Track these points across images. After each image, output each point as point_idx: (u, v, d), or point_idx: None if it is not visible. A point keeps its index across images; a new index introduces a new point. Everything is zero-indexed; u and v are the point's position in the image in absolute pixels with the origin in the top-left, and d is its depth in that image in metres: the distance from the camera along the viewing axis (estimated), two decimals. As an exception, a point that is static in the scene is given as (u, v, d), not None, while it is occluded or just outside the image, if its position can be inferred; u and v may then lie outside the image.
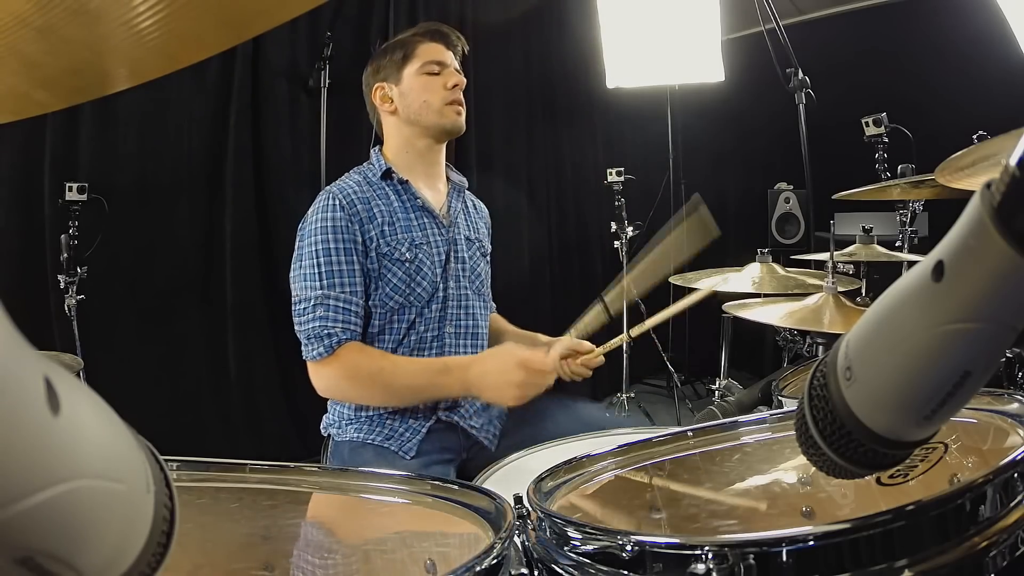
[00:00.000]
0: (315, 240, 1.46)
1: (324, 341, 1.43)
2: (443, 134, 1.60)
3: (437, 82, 1.57)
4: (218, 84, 3.05)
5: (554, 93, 4.30)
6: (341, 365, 1.44)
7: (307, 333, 1.44)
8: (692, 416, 3.50)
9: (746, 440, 0.99)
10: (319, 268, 1.45)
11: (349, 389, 1.49)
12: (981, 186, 0.35)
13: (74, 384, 0.29)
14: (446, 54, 1.60)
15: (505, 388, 1.39)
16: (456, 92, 1.57)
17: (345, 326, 1.44)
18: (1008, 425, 0.82)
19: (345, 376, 1.45)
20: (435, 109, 1.56)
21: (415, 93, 1.57)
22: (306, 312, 1.45)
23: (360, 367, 1.45)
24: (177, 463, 0.86)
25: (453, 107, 1.57)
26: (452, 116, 1.57)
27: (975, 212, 0.35)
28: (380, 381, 1.45)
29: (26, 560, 0.26)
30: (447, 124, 1.58)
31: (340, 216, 1.47)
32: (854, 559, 0.57)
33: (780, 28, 3.09)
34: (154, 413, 2.69)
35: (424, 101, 1.56)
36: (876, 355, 0.41)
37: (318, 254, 1.45)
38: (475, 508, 0.79)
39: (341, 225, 1.46)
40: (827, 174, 2.78)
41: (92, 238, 2.60)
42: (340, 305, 1.44)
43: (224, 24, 0.59)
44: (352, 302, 1.45)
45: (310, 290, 1.45)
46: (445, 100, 1.56)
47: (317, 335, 1.43)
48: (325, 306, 1.43)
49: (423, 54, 1.58)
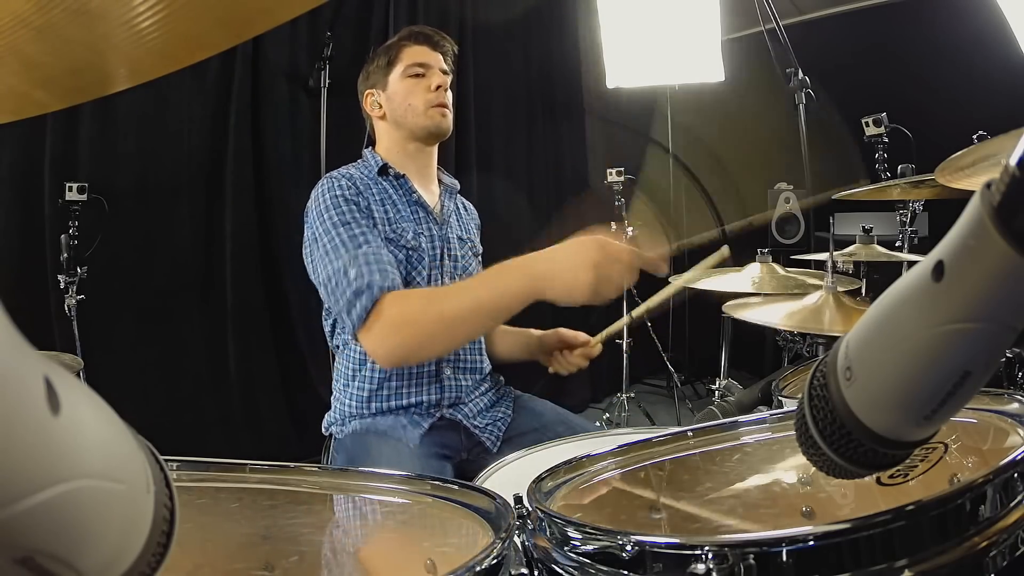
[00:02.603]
0: (327, 215, 1.42)
1: (363, 295, 1.30)
2: (429, 136, 1.60)
3: (421, 84, 1.57)
4: (218, 84, 3.05)
5: (554, 93, 4.30)
6: (389, 314, 1.30)
7: (347, 300, 1.32)
8: (692, 416, 3.50)
9: (746, 440, 0.98)
10: (339, 236, 1.39)
11: (409, 336, 1.32)
12: (981, 186, 0.35)
13: (74, 384, 0.29)
14: (431, 55, 1.60)
15: (579, 275, 1.20)
16: (440, 94, 1.56)
17: (383, 276, 1.33)
18: (1008, 425, 0.82)
19: (398, 323, 1.31)
20: (419, 111, 1.57)
21: (400, 97, 1.58)
22: (339, 283, 1.34)
23: (410, 306, 1.32)
24: (177, 463, 0.86)
25: (437, 109, 1.56)
26: (436, 118, 1.57)
27: (975, 212, 0.35)
28: (437, 313, 1.30)
29: (26, 560, 0.26)
30: (431, 126, 1.57)
31: (349, 193, 1.46)
32: (854, 559, 0.57)
33: (780, 28, 3.09)
34: (154, 413, 2.69)
35: (408, 104, 1.57)
36: (876, 355, 0.41)
37: (335, 224, 1.40)
38: (475, 508, 0.79)
39: (351, 196, 1.45)
40: (827, 174, 2.78)
41: (92, 238, 2.60)
42: (371, 258, 1.36)
43: (224, 24, 0.59)
44: (382, 255, 1.38)
45: (336, 260, 1.36)
46: (429, 103, 1.56)
47: (356, 293, 1.31)
48: (356, 264, 1.34)
49: (406, 57, 1.58)
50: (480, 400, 1.58)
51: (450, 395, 1.53)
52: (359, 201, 1.46)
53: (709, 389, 3.18)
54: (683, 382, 3.99)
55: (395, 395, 1.50)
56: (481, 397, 1.59)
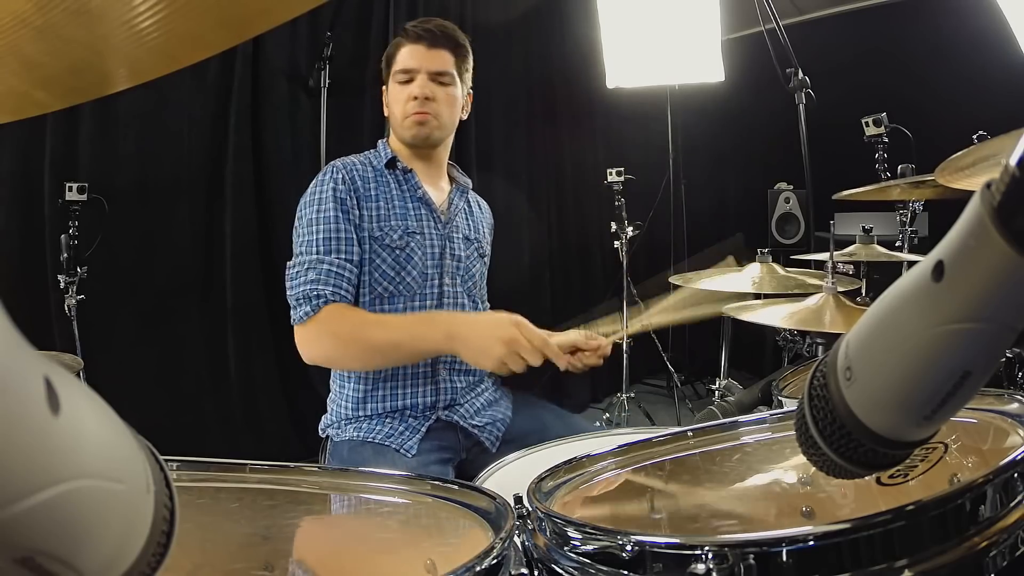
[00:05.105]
0: (315, 208, 1.47)
1: (311, 302, 1.41)
2: (411, 147, 1.59)
3: (404, 92, 1.55)
4: (218, 84, 3.05)
5: (554, 93, 4.30)
6: (323, 323, 1.41)
7: (296, 296, 1.43)
8: (692, 416, 3.50)
9: (746, 440, 0.99)
10: (317, 234, 1.45)
11: (332, 348, 1.44)
12: (981, 186, 0.35)
13: (74, 384, 0.29)
14: (423, 56, 1.53)
15: (490, 344, 1.31)
16: (419, 104, 1.52)
17: (335, 289, 1.43)
18: (1008, 425, 0.82)
19: (327, 333, 1.42)
20: (397, 121, 1.57)
21: (390, 103, 1.59)
22: (298, 276, 1.44)
23: (342, 323, 1.43)
24: (177, 463, 0.86)
25: (413, 118, 1.53)
26: (412, 128, 1.54)
27: (975, 212, 0.35)
28: (362, 336, 1.42)
29: (26, 560, 0.26)
30: (408, 137, 1.56)
31: (341, 188, 1.48)
32: (854, 559, 0.57)
33: (780, 28, 3.09)
34: (154, 413, 2.69)
35: (392, 113, 1.58)
36: (876, 355, 0.41)
37: (317, 220, 1.46)
38: (475, 508, 0.80)
39: (341, 196, 1.47)
40: (827, 174, 2.78)
41: (92, 238, 2.60)
42: (333, 270, 1.43)
43: (224, 24, 0.59)
44: (346, 268, 1.45)
45: (304, 254, 1.45)
46: (406, 113, 1.54)
47: (305, 296, 1.42)
48: (317, 270, 1.43)
49: (399, 59, 1.56)
50: (476, 400, 1.58)
51: (446, 397, 1.52)
52: (349, 199, 1.48)
53: (709, 389, 3.18)
54: (683, 382, 3.99)
55: (390, 396, 1.50)
56: (477, 397, 1.59)
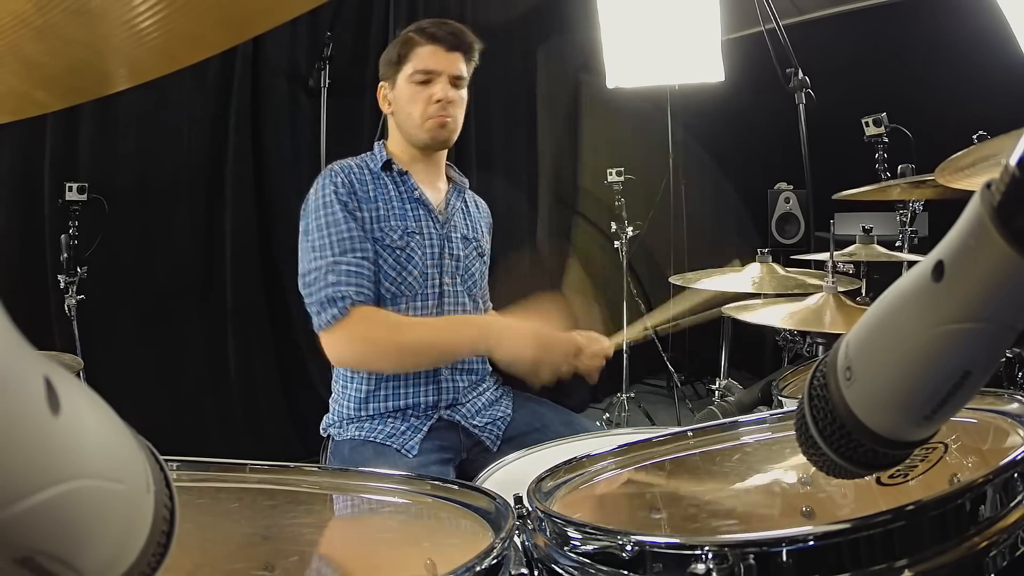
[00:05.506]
0: (321, 213, 1.45)
1: (337, 304, 1.39)
2: (425, 147, 1.57)
3: (423, 93, 1.52)
4: (218, 84, 3.04)
5: (554, 93, 4.29)
6: (354, 327, 1.40)
7: (319, 301, 1.40)
8: (692, 416, 3.50)
9: (746, 440, 0.99)
10: (329, 237, 1.43)
11: (364, 352, 1.44)
12: (981, 186, 0.35)
13: (74, 384, 0.29)
14: (443, 59, 1.53)
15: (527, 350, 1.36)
16: (441, 107, 1.52)
17: (358, 289, 1.41)
18: (1008, 425, 0.82)
19: (359, 338, 1.41)
20: (416, 123, 1.54)
21: (402, 102, 1.55)
22: (316, 281, 1.41)
23: (374, 327, 1.42)
24: (177, 463, 0.86)
25: (436, 120, 1.52)
26: (433, 131, 1.53)
27: (975, 212, 0.35)
28: (395, 339, 1.42)
29: (26, 560, 0.26)
30: (427, 139, 1.55)
31: (342, 191, 1.47)
32: (854, 559, 0.57)
33: (780, 28, 3.09)
34: (154, 413, 2.69)
35: (408, 112, 1.54)
36: (876, 355, 0.41)
37: (327, 224, 1.44)
38: (475, 508, 0.79)
39: (343, 198, 1.46)
40: (827, 174, 2.78)
41: (92, 238, 2.60)
42: (352, 269, 1.42)
43: (224, 24, 0.59)
44: (363, 266, 1.43)
45: (320, 259, 1.42)
46: (428, 115, 1.52)
47: (329, 299, 1.39)
48: (336, 272, 1.40)
49: (416, 59, 1.53)
50: (478, 400, 1.58)
51: (447, 396, 1.52)
52: (352, 201, 1.47)
53: (709, 389, 3.17)
54: (683, 382, 3.99)
55: (392, 396, 1.50)
56: (479, 397, 1.59)
